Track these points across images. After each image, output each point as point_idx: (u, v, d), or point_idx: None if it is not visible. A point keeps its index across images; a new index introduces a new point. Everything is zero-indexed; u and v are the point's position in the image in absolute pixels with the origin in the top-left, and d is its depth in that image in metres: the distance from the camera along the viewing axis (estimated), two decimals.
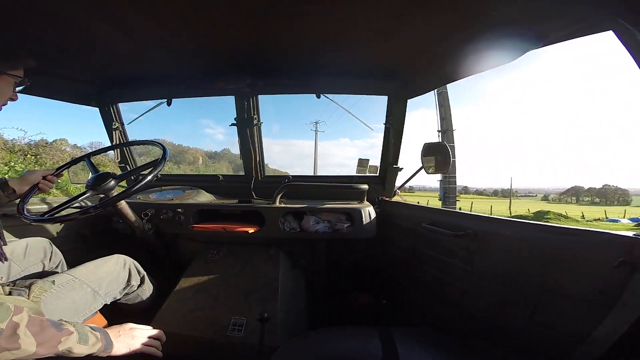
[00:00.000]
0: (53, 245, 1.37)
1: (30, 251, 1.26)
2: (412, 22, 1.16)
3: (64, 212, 1.32)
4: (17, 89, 1.06)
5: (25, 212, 1.23)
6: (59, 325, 0.81)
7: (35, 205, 1.39)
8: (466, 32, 1.18)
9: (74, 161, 1.55)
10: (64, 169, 1.45)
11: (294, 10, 1.10)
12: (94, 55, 1.49)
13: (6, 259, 1.07)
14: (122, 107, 2.06)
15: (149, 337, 1.06)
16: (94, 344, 0.87)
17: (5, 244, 1.10)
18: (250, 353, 1.13)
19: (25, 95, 1.69)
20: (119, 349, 0.95)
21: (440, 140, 1.87)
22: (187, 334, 1.21)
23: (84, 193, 1.38)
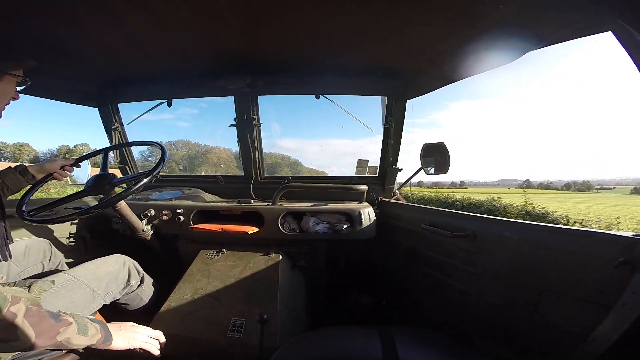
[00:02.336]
0: (53, 246, 1.37)
1: (30, 252, 1.26)
2: (412, 22, 1.16)
3: (63, 213, 1.32)
4: (18, 88, 1.08)
5: (24, 213, 1.23)
6: (57, 316, 0.80)
7: (35, 206, 1.39)
8: (466, 32, 1.18)
9: (92, 154, 1.56)
10: (82, 161, 1.46)
11: (293, 10, 1.11)
12: (93, 55, 1.49)
13: (10, 257, 1.08)
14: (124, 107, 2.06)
15: (149, 337, 1.06)
16: (94, 335, 0.87)
17: (12, 242, 1.10)
18: (250, 354, 1.13)
19: (30, 96, 1.70)
20: (118, 342, 0.95)
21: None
22: (187, 335, 1.21)
23: (83, 193, 1.38)
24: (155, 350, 1.06)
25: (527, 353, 0.92)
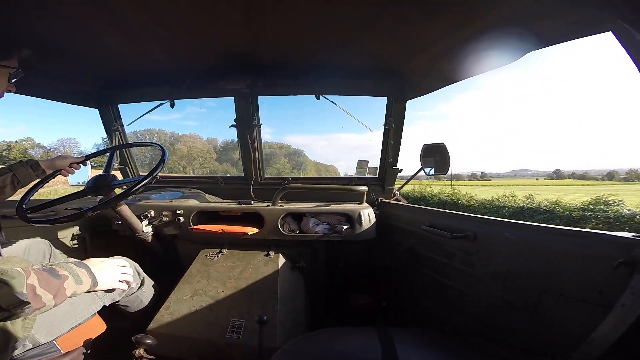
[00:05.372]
0: (52, 246, 1.37)
1: (30, 253, 1.25)
2: (411, 23, 1.16)
3: (63, 214, 1.32)
4: (13, 80, 1.06)
5: (24, 213, 1.23)
6: (55, 273, 0.83)
7: (34, 206, 1.40)
8: (466, 32, 1.18)
9: (102, 152, 1.59)
10: (92, 158, 1.49)
11: (293, 11, 1.11)
12: (93, 56, 1.49)
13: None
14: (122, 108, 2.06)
15: (119, 265, 1.12)
16: (87, 281, 0.91)
17: (3, 241, 1.11)
18: (249, 355, 1.13)
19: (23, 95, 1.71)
20: (102, 283, 1.00)
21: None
22: (186, 335, 1.21)
23: (83, 193, 1.38)
24: (130, 278, 1.14)
25: (527, 354, 0.92)
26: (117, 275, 1.08)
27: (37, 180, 1.30)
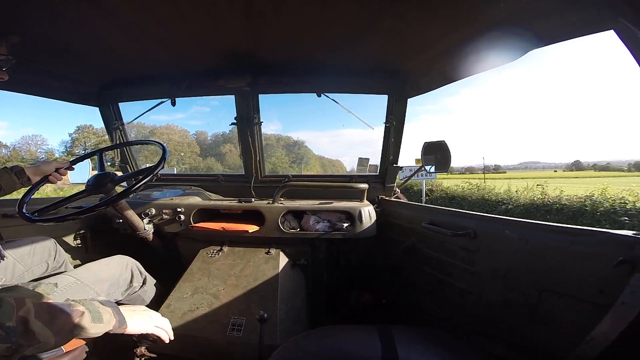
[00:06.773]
0: (57, 244, 1.37)
1: (35, 251, 1.26)
2: (412, 21, 1.16)
3: (64, 212, 1.32)
4: (3, 68, 1.06)
5: (25, 212, 1.23)
6: (68, 307, 0.76)
7: (35, 205, 1.40)
8: (467, 31, 1.17)
9: (87, 155, 1.57)
10: (77, 163, 1.47)
11: (293, 9, 1.10)
12: (94, 55, 1.49)
13: (3, 258, 1.07)
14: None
15: (161, 321, 1.04)
16: (109, 321, 0.83)
17: (3, 241, 1.10)
18: (250, 353, 1.13)
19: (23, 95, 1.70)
20: (133, 326, 0.92)
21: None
22: (186, 333, 1.21)
23: (84, 192, 1.39)
24: (166, 337, 1.03)
25: (527, 352, 0.92)
26: (151, 322, 0.99)
27: (31, 186, 1.29)
